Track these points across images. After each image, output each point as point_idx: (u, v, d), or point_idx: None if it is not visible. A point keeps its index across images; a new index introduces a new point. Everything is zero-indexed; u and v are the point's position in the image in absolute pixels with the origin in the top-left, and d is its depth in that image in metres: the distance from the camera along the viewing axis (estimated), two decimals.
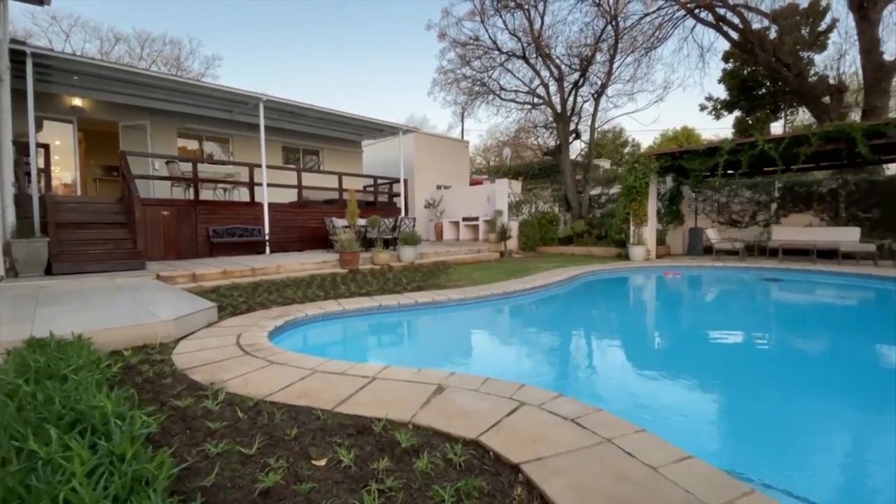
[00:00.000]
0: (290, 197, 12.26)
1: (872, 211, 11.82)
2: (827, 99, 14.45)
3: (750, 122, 18.20)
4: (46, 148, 8.52)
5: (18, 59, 7.59)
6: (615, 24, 15.70)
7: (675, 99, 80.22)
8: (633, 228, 12.09)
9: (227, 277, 7.40)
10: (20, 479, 1.51)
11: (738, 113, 18.58)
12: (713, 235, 12.42)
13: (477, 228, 16.00)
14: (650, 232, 12.15)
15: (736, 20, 14.95)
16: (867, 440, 3.03)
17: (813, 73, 15.52)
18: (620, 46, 16.38)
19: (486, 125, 71.45)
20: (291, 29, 59.39)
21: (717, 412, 3.50)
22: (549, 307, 7.22)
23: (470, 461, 1.93)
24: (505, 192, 15.02)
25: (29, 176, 8.01)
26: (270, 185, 10.86)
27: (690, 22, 16.08)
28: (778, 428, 3.12)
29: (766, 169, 11.94)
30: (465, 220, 16.29)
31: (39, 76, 9.00)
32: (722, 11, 15.07)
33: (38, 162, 8.25)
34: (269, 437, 2.16)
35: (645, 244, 11.81)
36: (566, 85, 16.85)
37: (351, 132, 15.20)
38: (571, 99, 16.94)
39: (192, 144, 13.40)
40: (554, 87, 17.12)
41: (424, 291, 6.59)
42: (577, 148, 22.33)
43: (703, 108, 19.46)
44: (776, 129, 19.90)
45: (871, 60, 12.91)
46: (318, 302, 5.65)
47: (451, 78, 19.26)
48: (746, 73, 17.27)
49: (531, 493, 1.73)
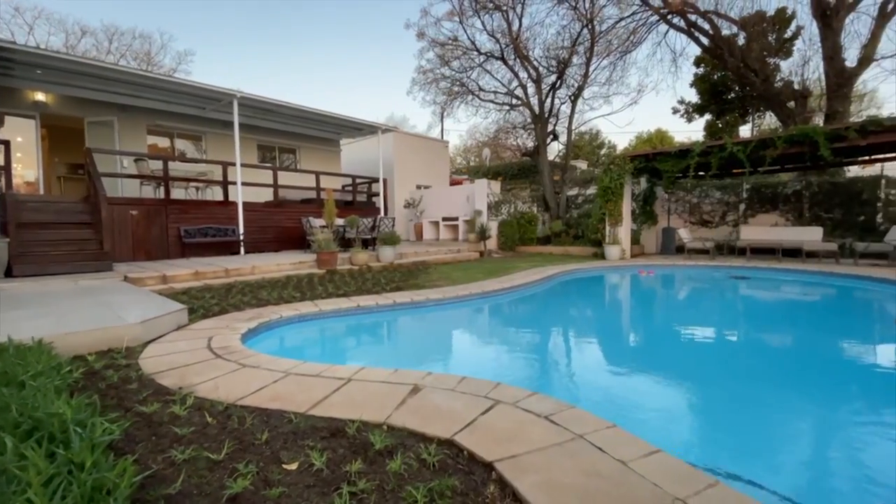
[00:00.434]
0: (265, 196, 12.03)
1: (834, 211, 12.36)
2: (792, 104, 15.04)
3: (720, 125, 18.80)
4: (7, 144, 8.12)
5: None
6: (591, 27, 15.97)
7: (649, 102, 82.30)
8: (608, 228, 12.32)
9: (199, 279, 7.21)
10: None
11: (708, 116, 19.17)
12: (685, 235, 12.78)
13: (457, 228, 16.04)
14: (625, 232, 12.41)
15: (707, 26, 15.41)
16: (829, 430, 3.17)
17: (779, 78, 16.13)
18: (596, 50, 16.67)
19: (465, 125, 71.67)
20: (268, 25, 58.34)
21: (687, 406, 3.59)
22: (526, 306, 7.29)
23: (444, 461, 1.93)
24: (484, 192, 15.10)
25: None
26: (245, 183, 10.63)
27: (663, 27, 16.52)
28: (744, 420, 3.23)
29: (734, 171, 12.35)
30: (445, 219, 16.31)
31: (0, 70, 8.59)
32: (693, 17, 15.52)
33: None
34: (238, 441, 2.11)
35: (620, 244, 12.05)
36: (544, 87, 17.04)
37: (329, 131, 15.02)
38: (549, 100, 17.15)
39: (162, 142, 12.99)
40: (532, 88, 17.31)
41: (403, 292, 6.56)
42: (555, 149, 22.65)
43: (675, 111, 19.99)
44: (744, 132, 20.60)
45: (833, 66, 13.50)
46: (293, 303, 5.56)
47: (430, 78, 19.25)
48: (717, 77, 17.83)
49: (503, 490, 1.74)
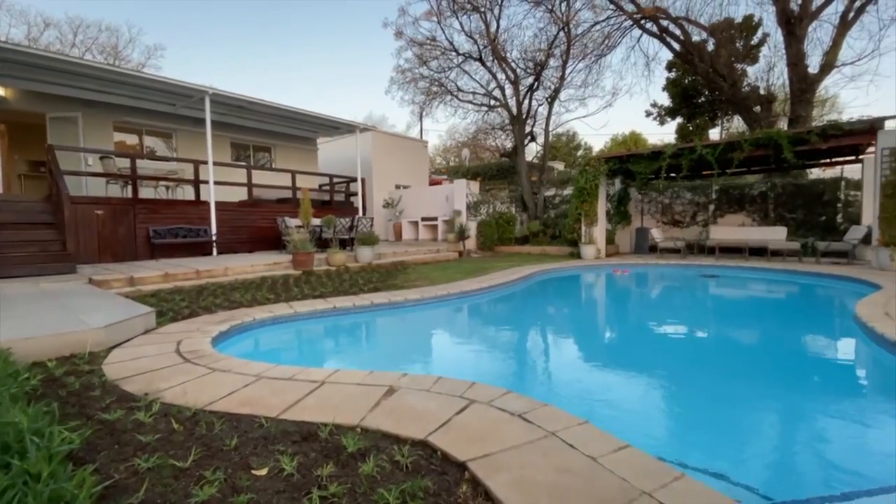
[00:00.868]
0: (239, 195, 11.77)
1: (797, 212, 12.90)
2: (758, 108, 15.63)
3: (691, 128, 19.37)
4: None
5: None
6: (567, 30, 16.21)
7: (623, 105, 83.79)
8: (584, 228, 12.54)
9: (168, 281, 6.99)
10: None
11: (680, 119, 19.73)
12: (657, 235, 13.11)
13: (436, 228, 16.04)
14: (600, 232, 12.65)
15: (678, 32, 15.86)
16: (792, 421, 3.30)
17: (746, 83, 16.73)
18: (572, 53, 16.94)
19: (444, 126, 71.76)
20: (244, 22, 57.01)
21: (658, 401, 3.68)
22: (504, 306, 7.35)
23: (417, 462, 1.93)
24: (463, 192, 15.15)
25: None
26: (218, 182, 10.37)
27: (637, 32, 16.91)
28: (712, 413, 3.34)
29: (704, 172, 12.75)
30: (424, 219, 16.29)
31: None
32: (665, 23, 15.94)
33: None
34: (206, 448, 2.05)
35: (595, 243, 12.28)
36: (521, 88, 17.21)
37: (305, 129, 14.80)
38: (527, 102, 17.33)
39: (130, 139, 12.56)
40: (510, 89, 17.46)
41: (381, 292, 6.52)
42: (533, 150, 22.90)
43: (648, 114, 20.51)
44: (714, 135, 21.28)
45: (796, 73, 14.09)
46: (267, 305, 5.45)
47: (408, 77, 19.19)
48: (687, 82, 18.37)
49: (476, 489, 1.75)
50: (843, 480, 2.43)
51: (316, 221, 10.41)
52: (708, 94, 18.08)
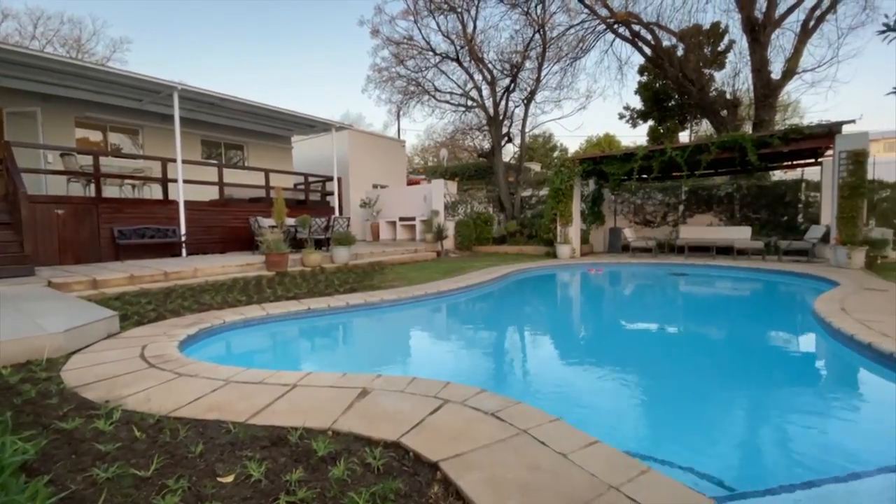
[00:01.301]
0: (210, 194, 11.44)
1: (761, 212, 13.43)
2: (724, 112, 16.18)
3: (662, 130, 19.89)
4: None
5: None
6: (542, 33, 16.42)
7: (597, 107, 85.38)
8: (559, 228, 12.73)
9: (134, 283, 6.74)
10: None
11: (651, 122, 20.23)
12: (630, 234, 13.43)
13: (414, 228, 15.99)
14: (575, 231, 12.86)
15: (649, 37, 16.26)
16: (757, 414, 3.43)
17: (713, 88, 17.28)
18: (548, 55, 17.15)
19: (422, 125, 71.66)
20: (216, 17, 55.48)
21: (629, 396, 3.76)
22: (480, 305, 7.39)
23: (389, 463, 1.92)
24: (441, 192, 15.15)
25: None
26: (187, 181, 10.05)
27: (610, 36, 17.25)
28: (680, 407, 3.44)
29: (674, 174, 13.12)
30: (401, 219, 16.21)
31: None
32: (637, 28, 16.32)
33: None
34: (169, 456, 1.99)
35: (570, 243, 12.48)
36: (498, 90, 17.33)
37: (279, 127, 14.51)
38: (503, 103, 17.46)
39: (94, 135, 12.04)
40: (487, 90, 17.56)
41: (357, 293, 6.45)
42: (510, 151, 23.10)
43: (621, 116, 20.95)
44: (683, 138, 21.93)
45: (760, 78, 14.66)
46: (239, 307, 5.32)
47: (385, 76, 19.05)
48: (658, 86, 18.85)
49: (447, 489, 1.75)
50: (805, 469, 2.54)
51: (290, 221, 10.23)
52: (678, 97, 18.60)
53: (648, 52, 16.69)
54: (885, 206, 11.82)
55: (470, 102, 18.78)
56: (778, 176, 14.92)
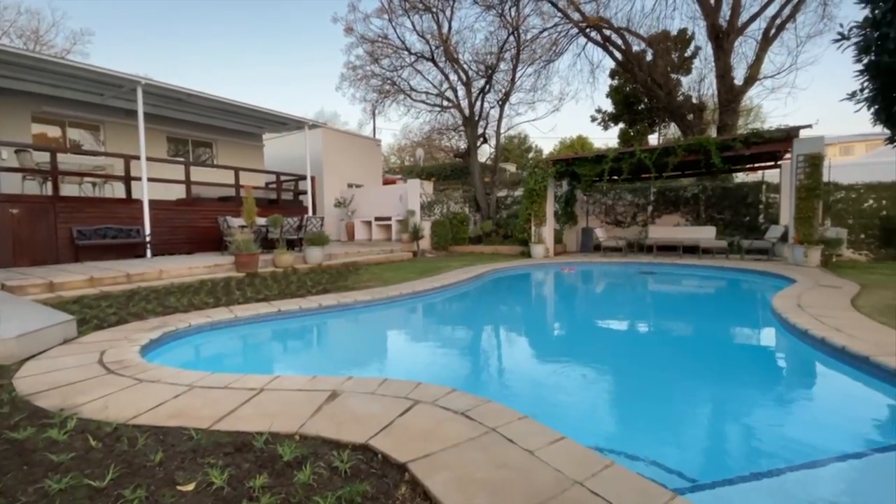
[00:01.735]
0: (177, 193, 11.07)
1: (725, 213, 13.96)
2: (691, 116, 16.75)
3: (632, 133, 20.42)
4: None
5: None
6: (517, 35, 16.59)
7: (570, 110, 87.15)
8: (534, 228, 12.89)
9: (94, 285, 6.46)
10: None
11: (622, 125, 20.75)
12: (601, 234, 13.73)
13: (390, 228, 15.89)
14: (549, 231, 13.06)
15: (620, 42, 16.67)
16: (718, 407, 3.56)
17: (680, 93, 17.87)
18: (522, 57, 17.34)
19: (398, 124, 71.31)
20: (186, 11, 53.68)
21: (596, 392, 3.85)
22: (456, 305, 7.42)
23: (357, 466, 1.90)
24: (417, 192, 15.11)
25: None
26: (152, 179, 9.69)
27: (582, 40, 17.58)
28: (646, 402, 3.54)
29: (643, 175, 13.49)
30: (377, 219, 16.09)
31: None
32: (608, 33, 16.70)
33: None
34: (127, 465, 1.92)
35: (544, 243, 12.67)
36: (473, 90, 17.42)
37: (250, 124, 14.15)
38: (479, 104, 17.56)
39: (52, 131, 11.46)
40: (462, 91, 17.61)
41: (331, 294, 6.37)
42: (486, 151, 23.23)
43: (593, 119, 21.40)
44: (653, 141, 22.57)
45: (724, 84, 15.23)
46: (206, 310, 5.16)
47: (360, 74, 18.86)
48: (629, 89, 19.35)
49: (415, 490, 1.75)
50: (762, 458, 2.66)
51: (261, 221, 9.99)
52: (647, 101, 19.13)
53: (619, 56, 17.11)
54: (839, 207, 12.46)
55: (445, 103, 18.80)
56: (740, 178, 15.53)
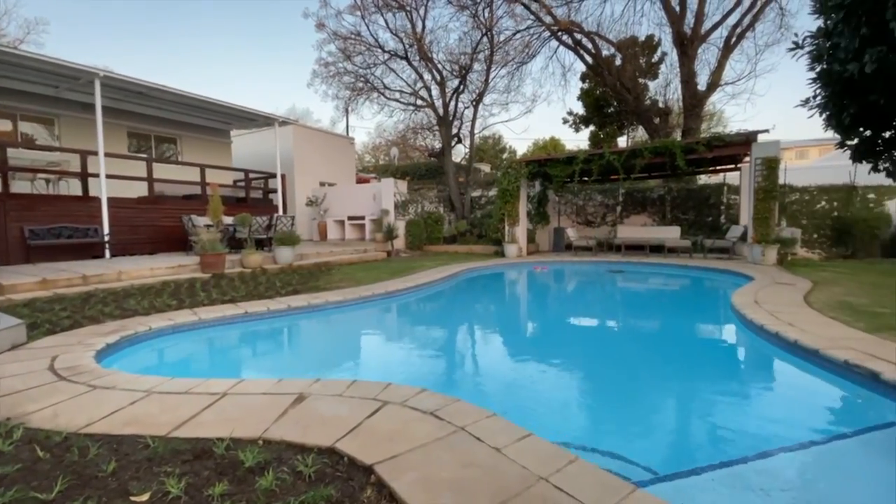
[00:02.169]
0: (139, 191, 10.61)
1: (689, 213, 14.48)
2: (657, 120, 17.29)
3: (602, 136, 20.94)
4: None
5: None
6: (490, 36, 16.71)
7: (543, 112, 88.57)
8: (507, 228, 13.03)
9: (47, 288, 6.12)
10: None
11: (592, 127, 21.23)
12: (572, 234, 14.01)
13: (363, 228, 15.73)
14: (522, 231, 13.22)
15: (590, 46, 17.05)
16: (680, 401, 3.69)
17: (648, 97, 18.43)
18: (495, 59, 17.49)
19: (371, 123, 70.67)
20: (152, 2, 51.48)
21: (566, 388, 3.92)
22: (429, 305, 7.41)
23: (322, 470, 1.87)
24: (391, 191, 15.00)
25: None
26: (111, 176, 9.27)
27: (554, 43, 17.91)
28: (611, 396, 3.63)
29: (612, 177, 13.83)
30: (350, 218, 15.89)
31: None
32: (579, 37, 17.06)
33: None
34: (77, 476, 1.82)
35: (517, 242, 12.82)
36: (448, 90, 17.43)
37: (217, 120, 13.72)
38: (453, 104, 17.58)
39: (2, 124, 10.78)
40: (436, 90, 17.59)
41: (301, 295, 6.24)
42: (461, 151, 23.30)
43: (565, 121, 21.81)
44: (622, 143, 23.21)
45: (688, 89, 15.80)
46: (168, 312, 4.97)
47: (332, 71, 18.56)
48: (599, 93, 19.82)
49: (381, 492, 1.73)
50: (722, 449, 2.77)
51: (228, 220, 9.70)
52: (616, 105, 19.65)
53: (589, 60, 17.49)
54: (794, 208, 13.13)
55: (420, 102, 18.74)
56: (703, 180, 16.14)
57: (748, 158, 10.77)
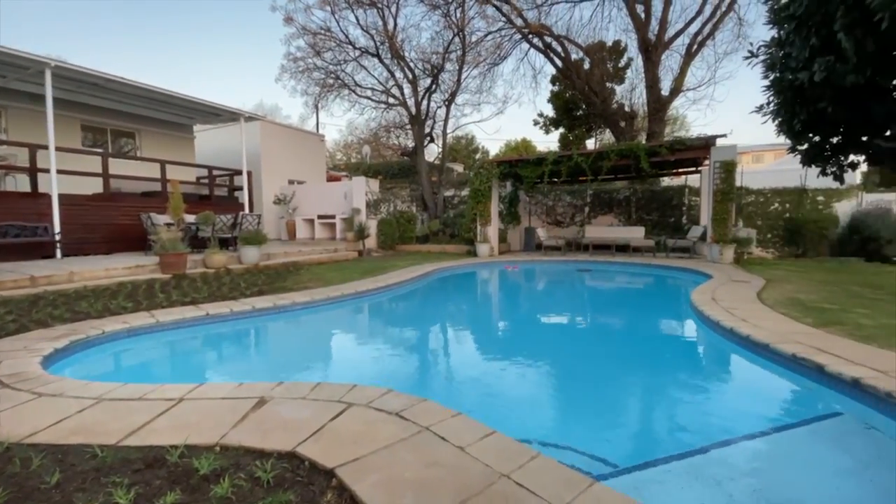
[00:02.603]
0: (93, 187, 10.08)
1: (653, 214, 14.99)
2: (623, 123, 17.79)
3: (571, 138, 21.39)
4: None
5: None
6: (462, 36, 16.77)
7: (514, 113, 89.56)
8: (479, 228, 13.12)
9: None
10: None
11: (562, 129, 21.65)
12: (542, 234, 14.25)
13: (334, 227, 15.48)
14: (493, 231, 13.34)
15: (560, 49, 17.36)
16: (641, 395, 3.80)
17: (614, 101, 18.94)
18: (467, 59, 17.56)
19: (342, 120, 69.65)
20: None
21: (533, 385, 3.98)
22: (399, 305, 7.37)
23: (281, 475, 1.83)
24: (362, 189, 14.83)
25: None
26: (63, 171, 8.76)
27: (525, 45, 18.15)
28: (575, 392, 3.71)
29: (581, 178, 14.15)
30: (320, 217, 15.61)
31: None
32: (549, 40, 17.35)
33: None
34: (18, 488, 1.72)
35: (489, 242, 12.93)
36: (420, 89, 17.38)
37: (179, 114, 13.17)
38: (425, 103, 17.54)
39: None
40: (408, 89, 17.52)
41: (267, 296, 6.08)
42: (434, 151, 23.29)
43: (535, 123, 22.15)
44: (590, 145, 23.76)
45: (653, 94, 16.32)
46: (123, 315, 4.74)
47: (301, 66, 18.16)
48: (568, 96, 20.23)
49: (342, 496, 1.71)
50: (677, 440, 2.87)
51: (190, 218, 9.36)
52: (585, 108, 20.11)
53: (559, 63, 17.81)
54: (750, 209, 13.77)
55: (391, 100, 18.61)
56: (667, 182, 16.72)
57: (707, 162, 11.22)
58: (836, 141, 7.17)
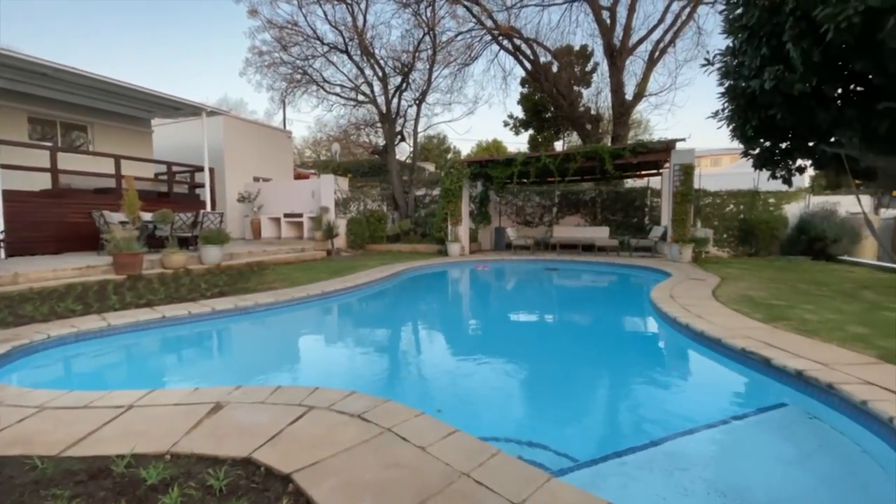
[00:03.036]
0: (41, 183, 9.49)
1: (617, 214, 15.44)
2: (589, 126, 18.24)
3: (540, 139, 21.75)
4: None
5: None
6: (432, 36, 16.75)
7: (485, 114, 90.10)
8: (450, 227, 13.15)
9: None
10: None
11: (531, 131, 21.98)
12: (512, 234, 14.43)
13: (301, 226, 15.16)
14: (464, 230, 13.41)
15: (529, 52, 17.62)
16: (600, 390, 3.91)
17: (581, 104, 19.39)
18: (438, 58, 17.55)
19: (310, 116, 68.22)
20: None
21: (497, 383, 4.02)
22: (367, 305, 7.30)
23: (235, 483, 1.78)
24: (331, 188, 14.59)
25: None
26: (6, 166, 8.21)
27: (496, 47, 18.32)
28: (536, 389, 3.78)
29: (549, 179, 14.40)
30: (287, 216, 15.25)
31: None
32: (519, 43, 17.57)
33: None
34: None
35: (460, 241, 12.99)
36: (390, 87, 17.24)
37: (137, 107, 12.56)
38: (396, 101, 17.43)
39: None
40: (378, 86, 17.34)
41: (228, 297, 5.89)
42: (406, 150, 23.14)
43: (506, 124, 22.41)
44: (558, 147, 24.25)
45: (617, 98, 16.81)
46: (71, 319, 4.49)
47: (267, 61, 17.66)
48: (537, 98, 20.55)
49: (298, 501, 1.68)
50: (634, 433, 2.97)
51: (147, 216, 8.95)
52: (553, 110, 20.49)
53: (528, 66, 18.07)
54: (707, 210, 14.37)
55: (361, 97, 18.37)
56: (630, 184, 17.26)
57: (668, 165, 11.66)
58: (785, 146, 7.60)
